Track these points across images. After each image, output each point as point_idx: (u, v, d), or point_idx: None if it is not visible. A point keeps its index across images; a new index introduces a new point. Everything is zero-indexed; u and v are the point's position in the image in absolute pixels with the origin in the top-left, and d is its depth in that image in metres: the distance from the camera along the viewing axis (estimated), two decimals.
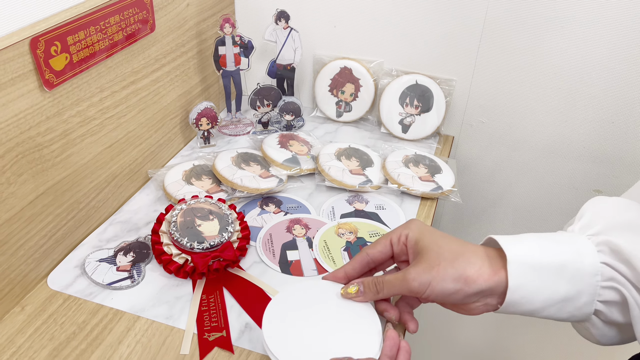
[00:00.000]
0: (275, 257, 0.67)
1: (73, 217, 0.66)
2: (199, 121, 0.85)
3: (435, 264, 0.49)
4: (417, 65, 0.93)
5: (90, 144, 0.66)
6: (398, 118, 0.92)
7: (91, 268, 0.64)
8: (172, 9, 0.78)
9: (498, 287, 0.48)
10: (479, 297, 0.49)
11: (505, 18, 0.84)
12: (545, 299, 0.47)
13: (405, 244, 0.53)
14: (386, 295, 0.52)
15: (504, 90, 0.90)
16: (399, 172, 0.80)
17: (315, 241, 0.69)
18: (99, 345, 0.56)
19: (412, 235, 0.52)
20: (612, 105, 0.85)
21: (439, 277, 0.48)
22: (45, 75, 0.56)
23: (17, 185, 0.56)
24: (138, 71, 0.73)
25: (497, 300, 0.49)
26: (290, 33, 0.90)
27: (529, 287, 0.47)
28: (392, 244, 0.54)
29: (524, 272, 0.47)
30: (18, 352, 0.55)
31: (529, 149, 0.94)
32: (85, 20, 0.61)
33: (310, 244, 0.69)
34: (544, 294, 0.47)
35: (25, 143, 0.56)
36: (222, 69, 0.88)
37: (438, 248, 0.50)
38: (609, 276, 0.46)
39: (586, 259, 0.47)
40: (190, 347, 0.56)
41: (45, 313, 0.59)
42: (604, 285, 0.46)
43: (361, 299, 0.53)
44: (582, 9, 0.80)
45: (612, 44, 0.81)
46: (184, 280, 0.64)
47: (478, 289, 0.48)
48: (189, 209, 0.67)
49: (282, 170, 0.80)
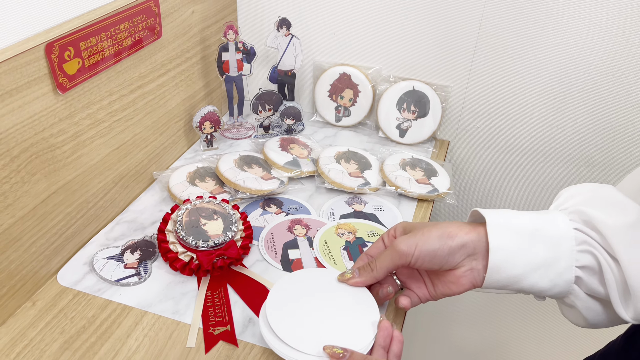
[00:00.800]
0: (277, 256, 0.69)
1: (82, 215, 0.68)
2: (203, 125, 0.87)
3: (419, 230, 0.54)
4: (414, 71, 0.95)
5: (100, 145, 0.69)
6: (395, 123, 0.95)
7: (99, 265, 0.66)
8: (178, 16, 0.81)
9: (479, 245, 0.52)
10: (462, 255, 0.52)
11: (499, 27, 0.87)
12: (526, 262, 0.50)
13: (394, 236, 0.58)
14: (380, 270, 0.55)
15: (498, 97, 0.93)
16: (397, 175, 0.83)
17: (316, 241, 0.72)
18: (108, 339, 0.58)
19: (399, 227, 0.58)
20: (603, 111, 0.88)
21: (424, 238, 0.53)
22: (59, 79, 0.59)
23: (31, 184, 0.59)
24: (145, 76, 0.76)
25: (481, 264, 0.52)
26: (291, 40, 0.93)
27: (509, 247, 0.50)
28: (384, 240, 0.59)
29: (502, 233, 0.51)
30: (30, 344, 0.57)
31: (522, 153, 0.97)
32: (97, 26, 0.63)
33: (311, 243, 0.72)
34: (524, 257, 0.50)
35: (39, 144, 0.59)
36: (225, 74, 0.91)
37: (422, 225, 0.56)
38: (582, 240, 0.49)
39: (560, 224, 0.50)
40: (196, 340, 0.58)
41: (56, 308, 0.61)
42: (579, 250, 0.49)
43: (358, 281, 0.57)
44: (574, 17, 0.83)
45: (602, 52, 0.84)
46: (189, 277, 0.66)
47: (461, 242, 0.52)
48: (194, 209, 0.69)
49: (283, 172, 0.83)
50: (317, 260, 0.69)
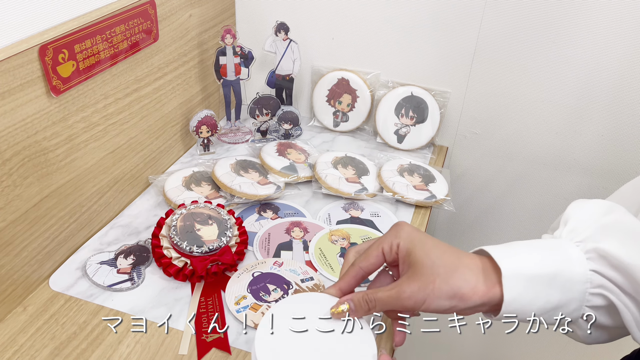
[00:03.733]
0: (269, 255, 0.69)
1: (75, 220, 0.67)
2: (199, 129, 0.87)
3: (429, 281, 0.48)
4: (413, 77, 0.95)
5: (94, 149, 0.68)
6: (393, 128, 0.95)
7: (92, 270, 0.65)
8: (175, 19, 0.80)
9: (493, 301, 0.48)
10: (473, 310, 0.50)
11: (497, 33, 0.87)
12: (538, 308, 0.48)
13: (397, 253, 0.52)
14: (378, 311, 0.51)
15: (496, 103, 0.93)
16: (394, 181, 0.82)
17: (311, 249, 0.71)
18: (99, 345, 0.57)
19: (404, 245, 0.51)
20: (603, 118, 0.88)
21: (434, 295, 0.48)
22: (52, 81, 0.58)
23: (23, 187, 0.58)
24: (141, 79, 0.75)
25: (491, 310, 0.50)
26: (289, 44, 0.92)
27: (524, 299, 0.48)
28: (385, 254, 0.53)
29: (518, 285, 0.48)
30: (20, 350, 0.56)
31: (521, 160, 0.97)
32: (92, 29, 0.63)
33: (306, 246, 0.71)
34: (537, 304, 0.48)
35: (31, 147, 0.58)
36: (222, 78, 0.90)
37: (432, 262, 0.49)
38: (598, 283, 0.47)
39: (576, 267, 0.47)
40: (188, 347, 0.57)
41: (47, 313, 0.60)
42: (592, 292, 0.47)
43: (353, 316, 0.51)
44: (572, 25, 0.82)
45: (604, 58, 0.83)
46: (182, 283, 0.65)
47: (472, 305, 0.48)
48: (188, 214, 0.69)
49: (280, 177, 0.82)
50: (310, 264, 0.68)
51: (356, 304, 0.51)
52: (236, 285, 0.63)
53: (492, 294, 0.48)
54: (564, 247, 0.49)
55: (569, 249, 0.49)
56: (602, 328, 0.50)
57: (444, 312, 0.49)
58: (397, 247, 0.51)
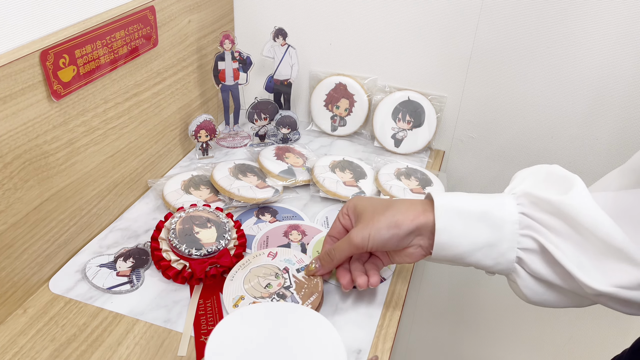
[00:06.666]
0: None
1: (75, 223, 0.68)
2: (198, 133, 0.87)
3: (370, 219, 0.57)
4: (410, 82, 0.96)
5: (94, 153, 0.69)
6: (391, 132, 0.96)
7: (92, 273, 0.66)
8: (174, 25, 0.81)
9: (426, 227, 0.55)
10: (411, 238, 0.56)
11: (493, 38, 0.88)
12: (469, 242, 0.53)
13: (347, 214, 0.62)
14: (339, 259, 0.60)
15: (492, 107, 0.94)
16: (391, 185, 0.83)
17: (309, 251, 0.71)
18: (99, 347, 0.57)
19: (351, 204, 0.62)
20: (600, 121, 0.89)
21: (375, 228, 0.56)
22: (53, 86, 0.59)
23: (24, 190, 0.59)
24: (141, 84, 0.76)
25: (427, 242, 0.56)
26: (287, 50, 0.93)
27: (455, 229, 0.53)
28: (339, 219, 0.63)
29: (449, 216, 0.54)
30: (20, 352, 0.56)
31: (518, 164, 0.98)
32: (93, 34, 0.64)
33: (304, 249, 0.72)
34: (468, 238, 0.53)
35: (32, 150, 0.59)
36: (221, 83, 0.91)
37: (372, 206, 0.59)
38: (526, 224, 0.51)
39: (506, 208, 0.52)
40: (187, 349, 0.58)
41: (47, 315, 0.61)
42: (522, 234, 0.51)
43: (322, 271, 0.63)
44: (567, 30, 0.83)
45: (600, 61, 0.84)
46: (181, 286, 0.66)
47: (408, 229, 0.55)
48: (187, 217, 0.69)
49: (278, 181, 0.83)
50: None
51: (321, 259, 0.62)
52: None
53: (425, 217, 0.55)
54: (500, 196, 0.54)
55: (504, 197, 0.54)
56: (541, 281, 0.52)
57: (387, 241, 0.56)
58: (347, 210, 0.62)
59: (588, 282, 0.46)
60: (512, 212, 0.52)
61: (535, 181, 0.54)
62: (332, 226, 0.64)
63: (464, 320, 1.26)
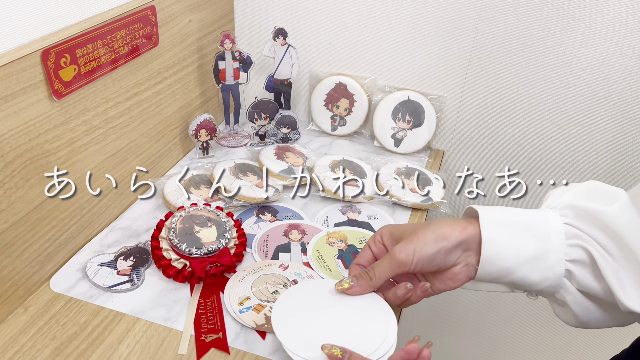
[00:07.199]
0: (267, 257, 0.70)
1: (76, 222, 0.68)
2: (198, 132, 0.87)
3: (414, 235, 0.53)
4: (409, 81, 0.96)
5: (95, 152, 0.69)
6: (390, 132, 0.96)
7: (92, 272, 0.66)
8: (175, 24, 0.81)
9: (473, 239, 0.52)
10: (458, 253, 0.53)
11: (493, 38, 0.88)
12: (516, 254, 0.51)
13: (381, 242, 0.58)
14: (379, 280, 0.54)
15: (492, 107, 0.94)
16: (391, 184, 0.83)
17: (309, 251, 0.72)
18: (100, 345, 0.58)
19: (385, 231, 0.58)
20: (600, 122, 0.89)
21: (421, 243, 0.52)
22: (54, 85, 0.59)
23: (25, 189, 0.59)
24: (141, 83, 0.76)
25: (475, 258, 0.53)
26: (287, 49, 0.93)
27: (501, 240, 0.51)
28: (370, 247, 0.58)
29: (494, 226, 0.51)
30: (21, 350, 0.56)
31: (517, 164, 0.98)
32: (94, 34, 0.64)
33: (303, 248, 0.72)
34: (514, 249, 0.51)
35: (33, 150, 0.59)
36: (221, 82, 0.92)
37: (411, 226, 0.55)
38: (572, 234, 0.50)
39: (549, 219, 0.51)
40: (187, 347, 0.58)
41: (48, 314, 0.61)
42: (569, 244, 0.50)
43: (357, 290, 0.54)
44: (567, 30, 0.83)
45: (600, 61, 0.84)
46: (182, 284, 0.66)
47: (456, 241, 0.52)
48: (188, 216, 0.69)
49: (278, 180, 0.83)
50: (308, 265, 0.69)
51: (358, 277, 0.55)
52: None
53: (472, 228, 0.52)
54: (539, 209, 0.53)
55: (544, 210, 0.53)
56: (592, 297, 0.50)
57: (434, 256, 0.52)
58: (381, 237, 0.58)
59: (623, 300, 0.45)
60: (556, 223, 0.50)
61: (577, 194, 0.52)
62: (359, 254, 0.59)
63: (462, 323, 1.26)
